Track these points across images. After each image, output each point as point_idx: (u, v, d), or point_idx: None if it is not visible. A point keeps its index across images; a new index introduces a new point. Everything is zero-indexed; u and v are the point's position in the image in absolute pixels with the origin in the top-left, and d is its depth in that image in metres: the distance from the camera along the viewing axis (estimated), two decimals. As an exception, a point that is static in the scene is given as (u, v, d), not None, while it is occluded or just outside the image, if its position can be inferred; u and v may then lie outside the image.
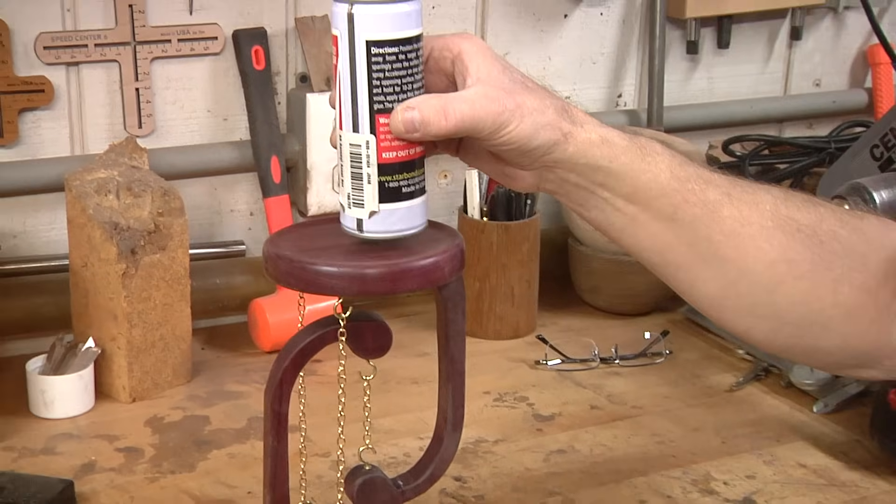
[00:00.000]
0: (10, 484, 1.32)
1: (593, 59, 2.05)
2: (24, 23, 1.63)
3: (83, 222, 1.54)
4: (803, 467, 1.44)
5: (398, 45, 1.01)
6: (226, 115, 1.79)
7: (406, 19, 1.02)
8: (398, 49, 1.01)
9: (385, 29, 1.01)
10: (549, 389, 1.64)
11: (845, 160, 1.73)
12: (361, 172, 1.04)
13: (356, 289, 1.05)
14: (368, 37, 1.01)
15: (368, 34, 1.01)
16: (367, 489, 1.14)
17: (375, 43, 1.01)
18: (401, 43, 1.01)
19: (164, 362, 1.59)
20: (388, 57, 1.01)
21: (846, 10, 2.21)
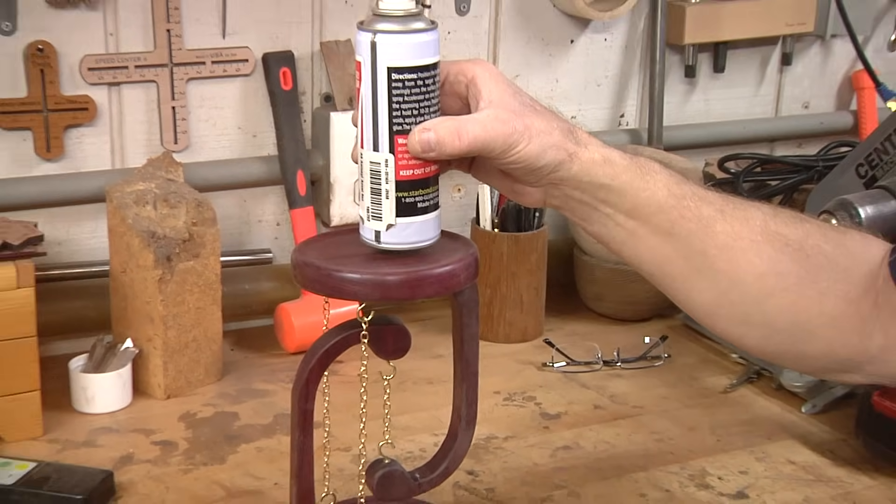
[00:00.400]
0: (54, 474, 1.32)
1: (598, 82, 2.05)
2: (71, 46, 1.63)
3: (123, 231, 1.54)
4: (792, 464, 1.44)
5: (417, 71, 1.02)
6: (255, 131, 1.79)
7: (425, 48, 1.02)
8: (417, 75, 1.02)
9: (405, 57, 1.02)
10: (556, 390, 1.64)
11: (832, 178, 1.73)
12: (380, 188, 1.05)
13: (378, 295, 1.05)
14: (390, 63, 1.01)
15: (390, 61, 1.01)
16: (387, 481, 1.15)
17: (396, 69, 1.01)
18: (419, 70, 1.02)
19: (196, 362, 1.60)
20: (408, 82, 1.02)
21: (833, 37, 2.21)
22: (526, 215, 1.78)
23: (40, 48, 1.60)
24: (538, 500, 1.35)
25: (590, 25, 2.00)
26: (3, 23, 1.58)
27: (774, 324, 1.09)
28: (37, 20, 1.61)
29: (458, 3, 1.88)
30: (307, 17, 1.78)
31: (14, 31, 1.60)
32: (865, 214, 1.39)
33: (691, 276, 1.09)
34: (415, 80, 1.02)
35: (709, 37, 2.06)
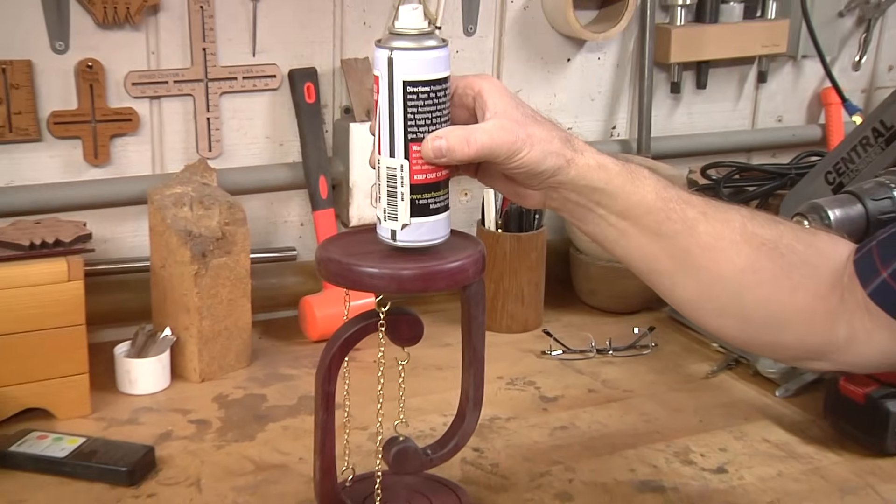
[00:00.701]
0: (101, 448, 1.33)
1: (592, 97, 2.05)
2: (117, 63, 1.64)
3: (162, 230, 1.55)
4: (767, 442, 1.45)
5: (429, 85, 1.03)
6: (281, 140, 1.80)
7: (437, 64, 1.03)
8: (429, 88, 1.03)
9: (419, 71, 1.02)
10: (553, 375, 1.64)
11: (804, 184, 1.73)
12: (396, 191, 1.05)
13: (394, 287, 1.06)
14: (405, 77, 1.02)
15: (405, 75, 1.02)
16: (401, 457, 1.16)
17: (411, 83, 1.02)
18: (432, 83, 1.03)
19: (228, 349, 1.60)
20: (421, 95, 1.03)
21: (804, 58, 2.21)
22: (527, 217, 1.78)
23: (90, 65, 1.61)
24: (538, 475, 1.35)
25: (585, 45, 2.01)
26: (57, 42, 1.59)
27: (751, 316, 1.10)
28: (87, 40, 1.61)
29: (466, 25, 1.88)
30: (329, 38, 1.78)
31: (67, 50, 1.60)
32: (834, 217, 1.40)
33: (676, 272, 1.10)
34: (428, 92, 1.03)
35: (692, 56, 2.06)
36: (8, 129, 1.59)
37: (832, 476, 1.37)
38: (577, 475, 1.35)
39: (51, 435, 1.37)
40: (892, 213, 1.42)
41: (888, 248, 1.04)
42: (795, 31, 2.14)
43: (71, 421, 1.44)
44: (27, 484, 1.30)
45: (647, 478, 1.35)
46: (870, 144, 1.62)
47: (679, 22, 2.04)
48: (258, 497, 1.28)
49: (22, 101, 1.59)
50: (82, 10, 1.60)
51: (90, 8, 1.59)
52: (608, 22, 1.95)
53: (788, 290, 1.08)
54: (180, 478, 1.32)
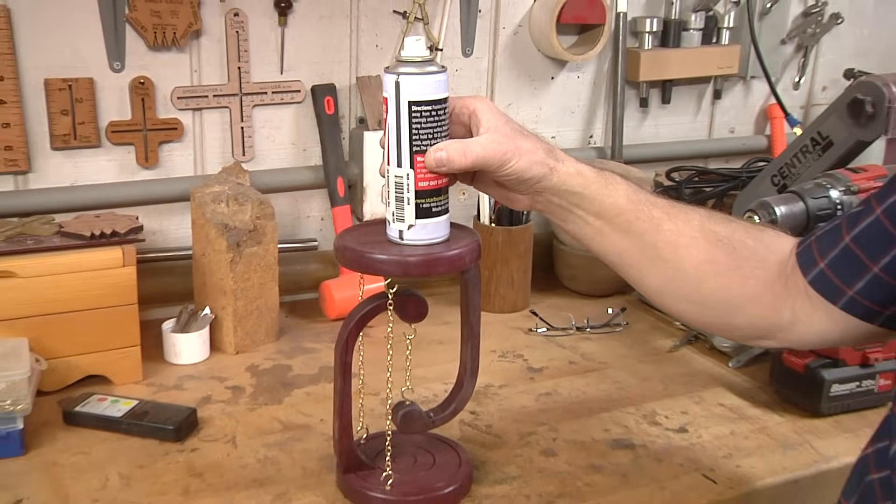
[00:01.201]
0: (151, 409, 1.35)
1: (572, 110, 2.05)
2: (164, 80, 1.65)
3: (202, 223, 1.56)
4: (721, 406, 1.45)
5: (431, 104, 1.04)
6: (305, 146, 1.80)
7: (437, 86, 1.04)
8: (431, 107, 1.04)
9: (422, 93, 1.03)
10: (539, 349, 1.64)
11: (753, 185, 1.73)
12: (403, 196, 1.06)
13: (401, 272, 1.07)
14: (410, 98, 1.03)
15: (410, 96, 1.03)
16: (408, 418, 1.17)
17: (415, 103, 1.03)
18: (433, 103, 1.04)
19: (259, 326, 1.61)
20: (424, 113, 1.04)
21: (752, 78, 2.21)
22: (516, 214, 1.79)
23: (142, 82, 1.62)
24: (525, 434, 1.35)
25: (566, 65, 2.01)
26: (115, 62, 1.60)
27: (708, 301, 1.10)
28: (139, 60, 1.62)
29: (464, 48, 1.89)
30: (346, 58, 1.79)
31: (123, 69, 1.61)
32: (780, 213, 1.41)
33: (644, 265, 1.11)
34: (430, 111, 1.04)
35: (658, 76, 2.06)
36: (73, 137, 1.60)
37: (776, 434, 1.38)
38: (560, 434, 1.36)
39: (109, 398, 1.38)
40: (829, 209, 1.43)
41: (826, 243, 1.04)
42: (745, 55, 2.14)
43: (125, 386, 1.45)
44: (89, 438, 1.31)
45: (620, 436, 1.36)
46: (809, 152, 1.62)
47: (647, 46, 2.04)
48: (285, 452, 1.29)
49: (85, 112, 1.59)
50: (136, 34, 1.60)
51: (143, 33, 1.60)
52: (586, 45, 1.96)
53: (740, 279, 1.09)
54: (218, 435, 1.33)
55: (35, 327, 1.37)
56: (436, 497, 1.17)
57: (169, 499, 1.18)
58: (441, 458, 1.24)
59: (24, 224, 1.44)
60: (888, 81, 1.51)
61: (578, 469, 1.27)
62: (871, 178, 1.46)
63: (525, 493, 1.21)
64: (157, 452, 1.28)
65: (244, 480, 1.22)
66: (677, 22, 2.05)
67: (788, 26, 2.22)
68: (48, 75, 1.57)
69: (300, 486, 1.21)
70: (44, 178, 1.61)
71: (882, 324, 1.02)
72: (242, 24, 1.68)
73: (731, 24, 2.09)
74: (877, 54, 2.35)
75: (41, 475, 1.22)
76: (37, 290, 1.36)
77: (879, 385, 1.42)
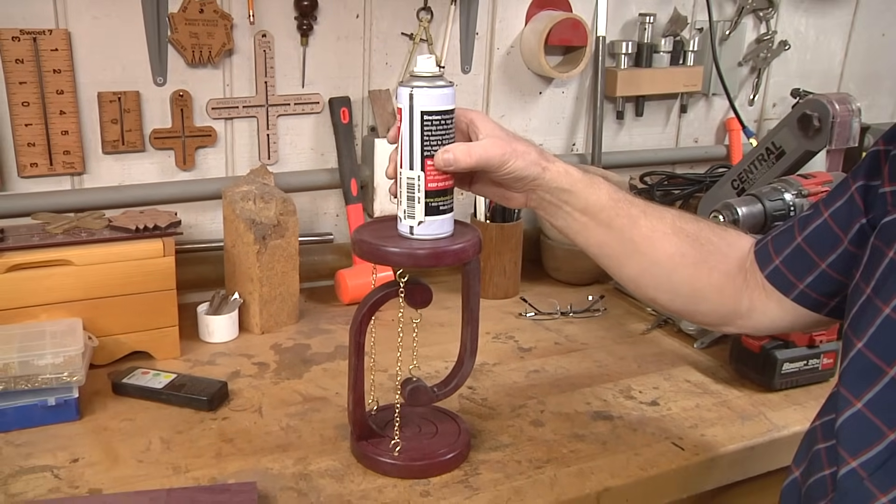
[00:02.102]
0: (188, 382, 1.34)
1: (557, 121, 2.04)
2: (201, 93, 1.64)
3: (233, 219, 1.55)
4: (688, 382, 1.45)
5: (441, 114, 1.03)
6: (322, 151, 1.79)
7: (446, 98, 1.04)
8: (441, 117, 1.03)
9: (433, 104, 1.03)
10: (528, 332, 1.64)
11: (716, 189, 1.73)
12: (414, 196, 1.06)
13: (410, 263, 1.06)
14: (422, 108, 1.03)
15: (423, 107, 1.03)
16: (415, 393, 1.17)
17: (427, 113, 1.03)
18: (443, 113, 1.03)
19: (281, 309, 1.60)
20: (434, 121, 1.03)
21: (714, 95, 2.20)
22: (508, 212, 1.78)
23: (181, 94, 1.61)
24: (517, 407, 1.35)
25: (553, 82, 2.00)
26: (158, 77, 1.59)
27: (678, 290, 1.10)
28: (179, 76, 1.61)
29: (463, 65, 1.88)
30: (360, 73, 1.78)
31: (165, 84, 1.61)
32: (742, 213, 1.41)
33: (623, 256, 1.11)
34: (439, 120, 1.03)
35: (633, 92, 2.05)
36: (121, 143, 1.59)
37: (735, 406, 1.38)
38: (547, 407, 1.36)
39: (151, 371, 1.37)
40: (784, 210, 1.43)
41: (780, 242, 1.05)
42: (707, 75, 2.14)
43: (165, 361, 1.44)
44: (134, 406, 1.31)
45: (599, 409, 1.36)
46: (764, 160, 1.62)
47: (623, 66, 2.03)
48: (305, 421, 1.28)
49: (132, 121, 1.59)
50: (177, 53, 1.60)
51: (182, 52, 1.59)
52: (570, 65, 1.95)
53: (706, 271, 1.09)
54: (247, 405, 1.32)
55: (88, 309, 1.37)
56: (438, 462, 1.16)
57: (204, 461, 1.17)
58: (443, 427, 1.23)
59: (79, 218, 1.44)
60: (832, 100, 1.53)
61: (563, 437, 1.27)
62: (819, 184, 1.46)
63: (516, 459, 1.21)
64: (193, 420, 1.28)
65: (269, 446, 1.22)
66: (649, 45, 2.05)
67: (744, 50, 2.22)
68: (101, 89, 1.56)
69: (318, 451, 1.21)
70: (96, 179, 1.61)
71: (828, 314, 1.03)
72: (269, 44, 1.67)
73: (695, 47, 2.09)
74: (817, 77, 2.37)
75: (94, 438, 1.22)
76: (89, 277, 1.36)
77: (823, 363, 1.43)
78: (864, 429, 0.83)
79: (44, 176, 1.56)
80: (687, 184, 1.93)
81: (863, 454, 0.83)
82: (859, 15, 2.36)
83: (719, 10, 2.14)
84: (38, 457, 1.16)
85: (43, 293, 1.34)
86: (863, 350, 0.85)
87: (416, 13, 1.79)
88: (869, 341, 0.84)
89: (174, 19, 1.57)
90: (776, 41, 2.24)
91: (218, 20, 1.60)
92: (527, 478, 1.16)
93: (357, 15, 1.74)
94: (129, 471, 1.14)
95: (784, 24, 2.25)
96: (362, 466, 1.17)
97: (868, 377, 0.84)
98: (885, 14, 2.40)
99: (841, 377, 0.88)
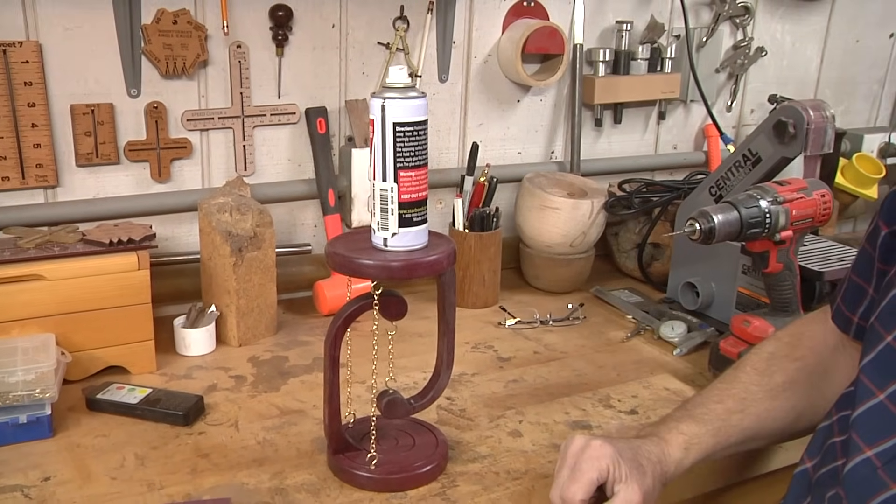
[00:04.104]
0: (164, 396, 1.33)
1: (535, 129, 2.04)
2: (176, 104, 1.63)
3: (209, 231, 1.54)
4: (667, 390, 1.45)
5: (413, 126, 1.03)
6: (299, 162, 1.78)
7: (418, 109, 1.03)
8: (413, 128, 1.03)
9: (405, 115, 1.02)
10: (507, 341, 1.63)
11: (694, 196, 1.73)
12: (387, 207, 1.05)
13: (385, 275, 1.06)
14: (395, 119, 1.02)
15: (394, 118, 1.02)
16: (391, 405, 1.16)
17: (399, 124, 1.02)
18: (415, 125, 1.03)
19: (259, 321, 1.59)
20: (407, 132, 1.03)
21: (692, 102, 2.20)
22: (487, 221, 1.77)
23: (155, 106, 1.60)
24: (496, 417, 1.34)
25: (531, 90, 2.00)
26: (132, 89, 1.58)
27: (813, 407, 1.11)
28: (154, 87, 1.60)
29: (440, 74, 1.87)
30: (336, 84, 1.77)
31: (139, 95, 1.59)
32: (717, 220, 1.40)
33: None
34: (412, 131, 1.03)
35: (611, 99, 2.05)
36: (95, 155, 1.58)
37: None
38: (526, 417, 1.35)
39: (126, 386, 1.36)
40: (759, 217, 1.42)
41: (845, 293, 1.07)
42: (685, 82, 2.14)
43: (141, 375, 1.43)
44: (108, 422, 1.29)
45: (579, 418, 1.35)
46: (741, 166, 1.62)
47: (601, 73, 2.03)
48: (282, 435, 1.27)
49: (106, 133, 1.57)
50: (151, 65, 1.58)
51: (156, 63, 1.58)
52: (548, 73, 1.95)
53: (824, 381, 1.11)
54: (223, 420, 1.31)
55: (61, 324, 1.35)
56: (415, 475, 1.15)
57: (179, 477, 1.16)
58: (420, 439, 1.22)
59: (52, 232, 1.43)
60: (807, 106, 1.53)
61: (542, 448, 1.26)
62: (794, 190, 1.45)
63: (494, 471, 1.20)
64: (169, 435, 1.26)
65: (245, 460, 1.20)
66: (627, 52, 2.04)
67: (721, 57, 2.23)
68: (73, 101, 1.55)
69: (295, 465, 1.19)
70: (70, 192, 1.59)
71: None
72: (244, 55, 1.65)
73: (672, 55, 2.09)
74: (794, 83, 2.38)
75: (67, 455, 1.20)
76: (62, 291, 1.35)
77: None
78: (883, 420, 0.84)
79: (16, 189, 1.54)
80: (665, 191, 1.93)
81: (879, 444, 0.83)
82: (834, 21, 2.37)
83: (696, 17, 2.14)
84: (9, 476, 1.15)
85: (15, 308, 1.32)
86: (892, 343, 0.85)
87: (392, 22, 1.78)
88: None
89: (147, 31, 1.55)
90: (753, 48, 2.24)
91: (192, 31, 1.58)
92: (505, 489, 1.15)
93: (333, 25, 1.73)
94: (103, 489, 1.13)
95: (760, 31, 2.26)
96: (339, 480, 1.16)
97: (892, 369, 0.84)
98: (859, 20, 2.41)
99: (863, 370, 0.88)
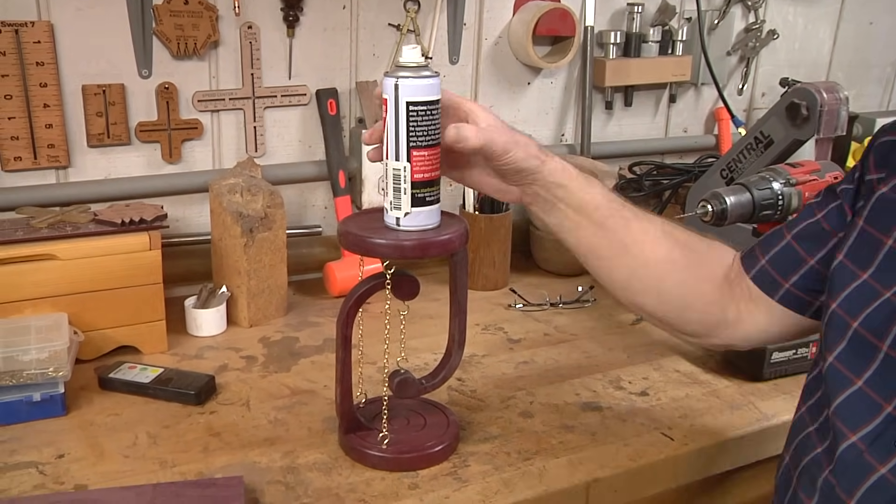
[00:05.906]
0: (175, 376, 1.33)
1: (546, 111, 2.04)
2: (187, 85, 1.63)
3: (220, 212, 1.54)
4: (678, 372, 1.45)
5: (426, 105, 1.02)
6: (310, 143, 1.78)
7: (431, 88, 1.02)
8: (426, 107, 1.02)
9: (418, 94, 1.02)
10: (517, 323, 1.63)
11: (704, 178, 1.73)
12: (400, 187, 1.05)
13: (398, 255, 1.06)
14: (408, 99, 1.01)
15: (408, 97, 1.01)
16: (403, 385, 1.16)
17: (412, 103, 1.02)
18: (428, 104, 1.02)
19: (270, 302, 1.59)
20: (420, 112, 1.02)
21: (703, 85, 2.20)
22: (497, 203, 1.77)
23: (167, 87, 1.60)
24: (506, 398, 1.34)
25: (541, 72, 1.99)
26: (143, 70, 1.58)
27: (666, 296, 1.10)
28: (165, 68, 1.60)
29: (451, 56, 1.87)
30: (347, 65, 1.77)
31: (150, 76, 1.59)
32: (730, 202, 1.39)
33: (613, 258, 1.10)
34: (425, 110, 1.02)
35: (621, 82, 2.05)
36: (107, 136, 1.58)
37: (724, 396, 1.37)
38: (536, 398, 1.35)
39: (138, 366, 1.37)
40: (772, 199, 1.41)
41: (768, 243, 1.06)
42: (696, 64, 2.14)
43: (152, 355, 1.43)
44: (121, 401, 1.30)
45: (589, 400, 1.35)
46: (752, 149, 1.62)
47: (611, 56, 2.03)
48: (293, 415, 1.27)
49: (117, 114, 1.57)
50: (162, 45, 1.58)
51: (167, 44, 1.58)
52: (559, 55, 1.94)
53: (695, 279, 1.09)
54: (234, 399, 1.31)
55: (73, 303, 1.35)
56: (427, 455, 1.15)
57: (191, 455, 1.16)
58: (431, 419, 1.22)
59: (64, 213, 1.43)
60: (820, 88, 1.52)
61: (552, 429, 1.26)
62: (807, 172, 1.45)
63: (506, 451, 1.20)
64: (181, 414, 1.27)
65: (256, 439, 1.21)
66: (638, 35, 2.04)
67: (733, 40, 2.22)
68: (85, 82, 1.55)
69: (306, 444, 1.20)
70: (81, 172, 1.59)
71: (811, 315, 1.04)
72: (255, 36, 1.65)
73: (684, 37, 2.09)
74: (805, 66, 2.37)
75: (80, 433, 1.21)
76: (75, 271, 1.35)
77: (811, 352, 1.42)
78: (863, 405, 0.85)
79: (28, 170, 1.55)
80: (676, 173, 1.92)
81: (862, 428, 0.84)
82: (847, 3, 2.36)
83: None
84: (23, 453, 1.15)
85: (28, 288, 1.33)
86: (859, 329, 0.86)
87: (403, 4, 1.78)
88: (864, 321, 0.86)
89: (158, 11, 1.55)
90: (764, 30, 2.23)
91: (203, 12, 1.58)
92: (516, 469, 1.16)
93: (344, 6, 1.73)
94: (116, 466, 1.13)
95: (772, 14, 2.25)
96: (350, 459, 1.16)
97: (865, 356, 0.85)
98: (873, 2, 2.39)
99: (837, 358, 0.88)
